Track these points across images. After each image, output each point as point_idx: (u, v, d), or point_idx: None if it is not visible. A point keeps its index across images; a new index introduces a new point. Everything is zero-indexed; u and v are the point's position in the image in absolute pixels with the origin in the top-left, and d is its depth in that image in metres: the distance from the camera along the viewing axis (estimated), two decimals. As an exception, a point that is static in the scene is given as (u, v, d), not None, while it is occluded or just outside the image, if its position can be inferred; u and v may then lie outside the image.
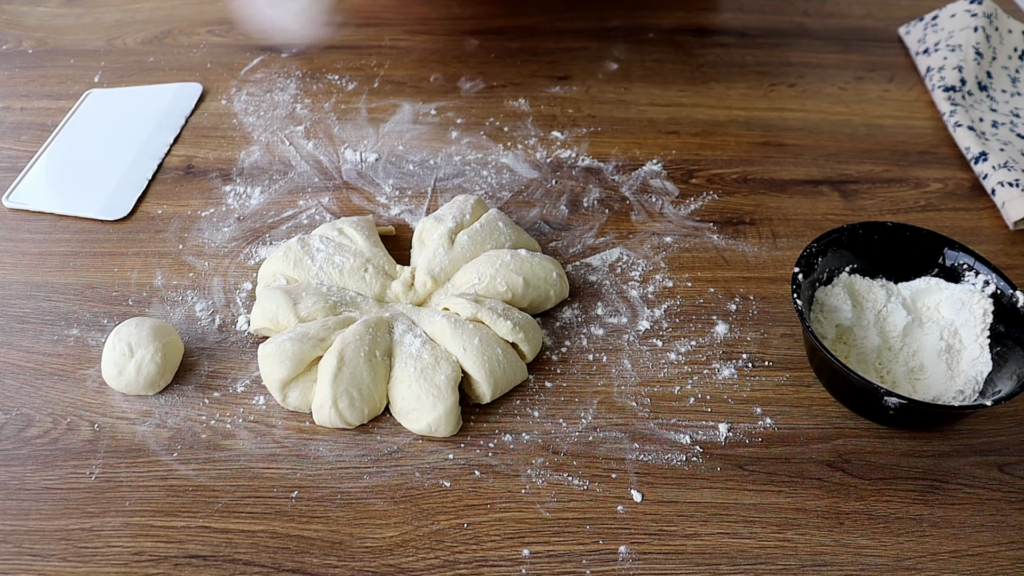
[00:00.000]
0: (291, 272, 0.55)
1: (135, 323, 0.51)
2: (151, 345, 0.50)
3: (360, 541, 0.45)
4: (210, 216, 0.63)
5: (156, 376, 0.50)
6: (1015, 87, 0.76)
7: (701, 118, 0.73)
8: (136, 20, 0.83)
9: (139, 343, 0.50)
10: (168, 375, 0.51)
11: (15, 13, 0.85)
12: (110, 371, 0.50)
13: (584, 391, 0.52)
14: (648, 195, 0.66)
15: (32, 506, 0.46)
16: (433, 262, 0.55)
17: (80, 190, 0.64)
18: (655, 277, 0.59)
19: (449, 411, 0.48)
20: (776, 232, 0.63)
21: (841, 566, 0.45)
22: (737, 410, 0.51)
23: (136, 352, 0.50)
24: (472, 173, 0.67)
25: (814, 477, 0.48)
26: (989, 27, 0.77)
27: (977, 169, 0.67)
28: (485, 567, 0.44)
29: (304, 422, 0.50)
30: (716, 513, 0.46)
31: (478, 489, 0.47)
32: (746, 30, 0.84)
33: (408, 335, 0.51)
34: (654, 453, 0.49)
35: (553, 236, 0.62)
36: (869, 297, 0.54)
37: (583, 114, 0.73)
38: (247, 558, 0.44)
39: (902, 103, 0.76)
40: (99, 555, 0.44)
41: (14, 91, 0.75)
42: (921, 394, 0.50)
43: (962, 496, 0.48)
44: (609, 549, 0.45)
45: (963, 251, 0.53)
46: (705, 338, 0.55)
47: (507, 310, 0.52)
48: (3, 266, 0.60)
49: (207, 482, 0.47)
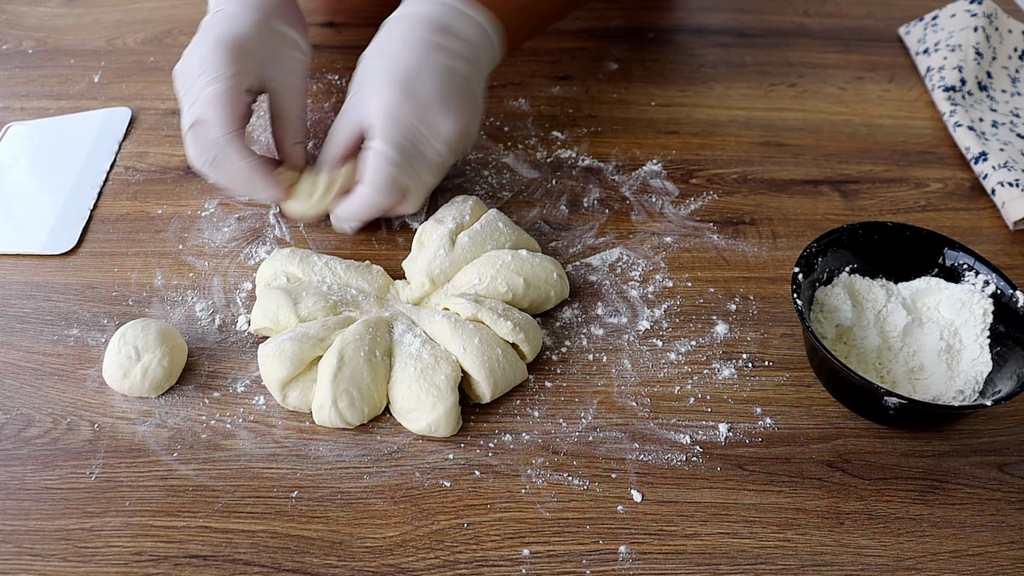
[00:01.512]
0: (295, 270, 0.55)
1: (140, 325, 0.51)
2: (158, 349, 0.50)
3: (360, 541, 0.45)
4: (210, 216, 0.63)
5: (162, 380, 0.50)
6: (1015, 87, 0.76)
7: (701, 118, 0.73)
8: (136, 20, 0.83)
9: (146, 347, 0.50)
10: (173, 379, 0.51)
11: (15, 13, 0.85)
12: (114, 373, 0.50)
13: (584, 391, 0.52)
14: (648, 195, 0.66)
15: (32, 506, 0.46)
16: (433, 263, 0.55)
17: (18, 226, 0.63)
18: (655, 277, 0.59)
19: (449, 411, 0.48)
20: (776, 232, 0.63)
21: (841, 566, 0.45)
22: (737, 410, 0.51)
23: (143, 356, 0.49)
24: (472, 173, 0.67)
25: (814, 477, 0.48)
26: (989, 27, 0.77)
27: (977, 169, 0.67)
28: (485, 567, 0.44)
29: (304, 422, 0.50)
30: (716, 513, 0.47)
31: (478, 489, 0.47)
32: (746, 30, 0.84)
33: (408, 335, 0.51)
34: (654, 453, 0.49)
35: (553, 236, 0.62)
36: (869, 297, 0.54)
37: (583, 114, 0.73)
38: (247, 558, 0.44)
39: (902, 103, 0.76)
40: (99, 555, 0.44)
41: (14, 91, 0.75)
42: (921, 394, 0.50)
43: (962, 496, 0.48)
44: (609, 549, 0.45)
45: (963, 251, 0.53)
46: (705, 338, 0.55)
47: (507, 310, 0.52)
48: (3, 266, 0.60)
49: (207, 482, 0.47)
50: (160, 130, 0.71)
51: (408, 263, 0.58)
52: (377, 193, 0.56)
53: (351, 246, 0.61)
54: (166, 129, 0.71)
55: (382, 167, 0.55)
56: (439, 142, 0.56)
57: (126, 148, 0.69)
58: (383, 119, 0.55)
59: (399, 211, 0.59)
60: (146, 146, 0.69)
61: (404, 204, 0.58)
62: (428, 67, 0.56)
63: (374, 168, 0.55)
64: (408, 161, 0.56)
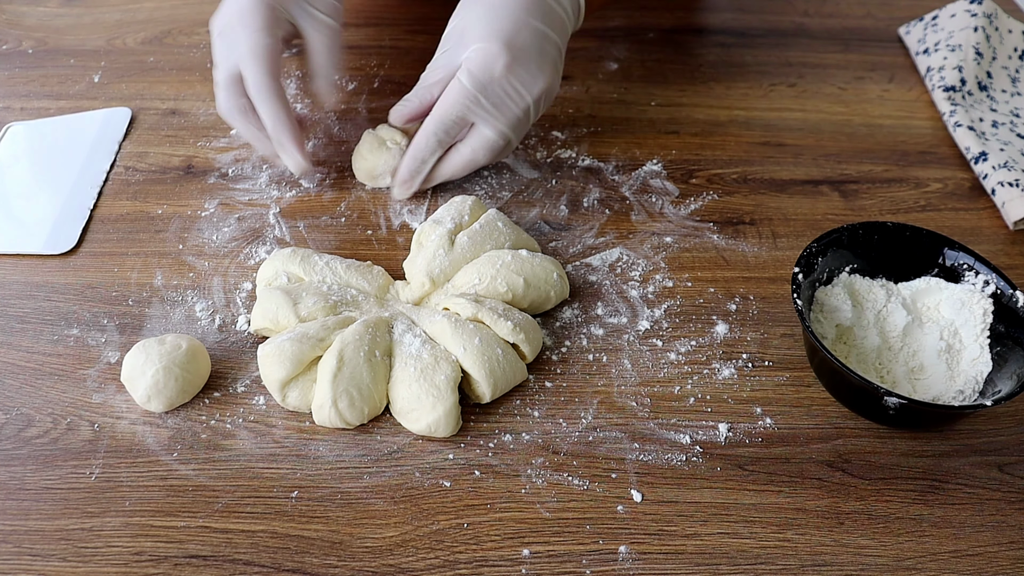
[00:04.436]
0: (296, 269, 0.55)
1: (188, 354, 0.50)
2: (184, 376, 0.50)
3: (360, 541, 0.45)
4: (210, 216, 0.63)
5: (178, 399, 0.50)
6: (1015, 87, 0.76)
7: (701, 118, 0.73)
8: (136, 20, 0.83)
9: (179, 375, 0.49)
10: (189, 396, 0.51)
11: (15, 13, 0.85)
12: (141, 395, 0.49)
13: (584, 391, 0.52)
14: (648, 195, 0.66)
15: (32, 506, 0.46)
16: (433, 264, 0.55)
17: (18, 226, 0.63)
18: (655, 277, 0.59)
19: (449, 411, 0.48)
20: (776, 232, 0.63)
21: (841, 566, 0.45)
22: (737, 410, 0.51)
23: (169, 382, 0.49)
24: (472, 173, 0.67)
25: (814, 477, 0.48)
26: (989, 27, 0.77)
27: (977, 169, 0.67)
28: (485, 567, 0.44)
29: (304, 422, 0.50)
30: (716, 513, 0.47)
31: (478, 489, 0.47)
32: (746, 30, 0.84)
33: (408, 335, 0.51)
34: (654, 453, 0.49)
35: (553, 236, 0.62)
36: (869, 297, 0.54)
37: (583, 114, 0.73)
38: (247, 558, 0.44)
39: (902, 103, 0.76)
40: (99, 555, 0.44)
41: (14, 91, 0.75)
42: (921, 394, 0.50)
43: (962, 496, 0.48)
44: (609, 549, 0.45)
45: (963, 251, 0.53)
46: (705, 338, 0.55)
47: (507, 310, 0.52)
48: (3, 266, 0.60)
49: (207, 482, 0.47)
50: (160, 130, 0.71)
51: (408, 263, 0.58)
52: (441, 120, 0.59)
53: (351, 246, 0.61)
54: (166, 129, 0.71)
55: (456, 97, 0.58)
56: (527, 98, 0.59)
57: (126, 148, 0.69)
58: (478, 63, 0.58)
59: (477, 156, 0.62)
60: (146, 146, 0.69)
61: (480, 145, 0.61)
62: (527, 26, 0.59)
63: (448, 96, 0.59)
64: (491, 104, 0.59)
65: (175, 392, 0.49)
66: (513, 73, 0.58)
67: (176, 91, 0.75)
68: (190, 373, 0.50)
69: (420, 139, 0.60)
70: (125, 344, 0.54)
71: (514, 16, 0.58)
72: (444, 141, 0.60)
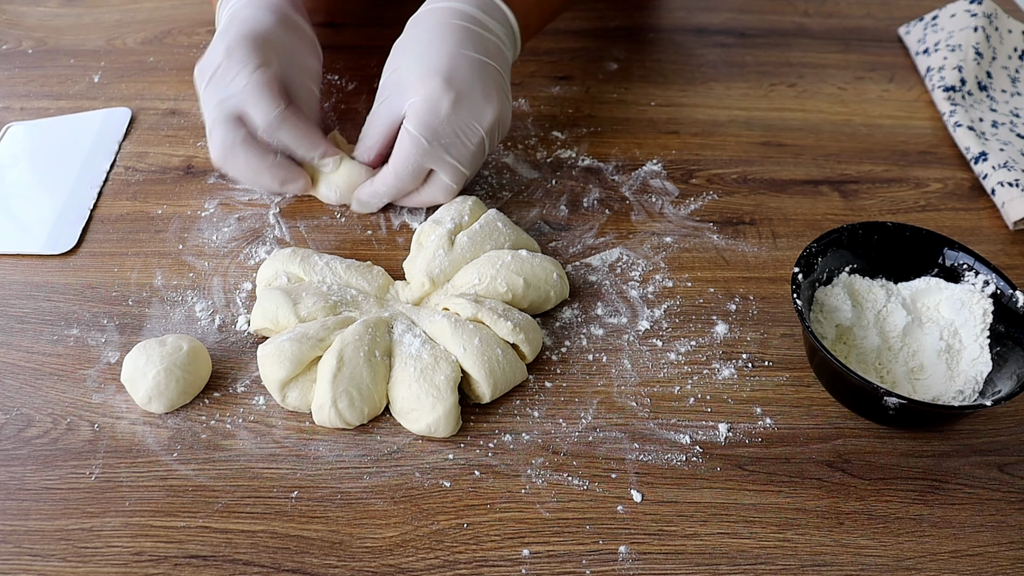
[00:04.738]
0: (296, 269, 0.55)
1: (189, 355, 0.50)
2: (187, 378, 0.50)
3: (360, 541, 0.45)
4: (210, 216, 0.63)
5: (178, 400, 0.50)
6: (1015, 87, 0.76)
7: (701, 118, 0.73)
8: (136, 20, 0.83)
9: (180, 377, 0.49)
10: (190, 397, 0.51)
11: (15, 13, 0.85)
12: (141, 396, 0.49)
13: (584, 391, 0.52)
14: (648, 195, 0.66)
15: (32, 506, 0.46)
16: (433, 263, 0.55)
17: (18, 226, 0.63)
18: (655, 277, 0.59)
19: (449, 411, 0.48)
20: (776, 232, 0.63)
21: (841, 566, 0.45)
22: (737, 410, 0.51)
23: (170, 383, 0.49)
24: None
25: (814, 477, 0.48)
26: (989, 27, 0.77)
27: (977, 169, 0.67)
28: (485, 567, 0.44)
29: (304, 422, 0.50)
30: (716, 513, 0.47)
31: (478, 489, 0.47)
32: (746, 30, 0.84)
33: (408, 335, 0.51)
34: (654, 453, 0.49)
35: (553, 236, 0.62)
36: (869, 297, 0.54)
37: (583, 114, 0.73)
38: (247, 558, 0.44)
39: (902, 103, 0.76)
40: (99, 555, 0.44)
41: (14, 91, 0.75)
42: (921, 394, 0.50)
43: (962, 496, 0.48)
44: (609, 549, 0.45)
45: (963, 251, 0.53)
46: (705, 338, 0.55)
47: (507, 311, 0.52)
48: (3, 266, 0.60)
49: (207, 482, 0.47)
50: (160, 130, 0.71)
51: (408, 263, 0.58)
52: (398, 175, 0.58)
53: (351, 246, 0.61)
54: (166, 129, 0.71)
55: (408, 150, 0.57)
56: (479, 131, 0.58)
57: (126, 148, 0.69)
58: (422, 108, 0.56)
59: (437, 199, 0.61)
60: (146, 146, 0.69)
61: (440, 192, 0.60)
62: (464, 58, 0.57)
63: (400, 150, 0.57)
64: (444, 149, 0.57)
65: (176, 393, 0.49)
66: (461, 108, 0.57)
67: (176, 91, 0.75)
68: (191, 374, 0.50)
69: (381, 188, 0.60)
70: (125, 344, 0.54)
71: (448, 51, 0.57)
72: (408, 187, 0.60)
